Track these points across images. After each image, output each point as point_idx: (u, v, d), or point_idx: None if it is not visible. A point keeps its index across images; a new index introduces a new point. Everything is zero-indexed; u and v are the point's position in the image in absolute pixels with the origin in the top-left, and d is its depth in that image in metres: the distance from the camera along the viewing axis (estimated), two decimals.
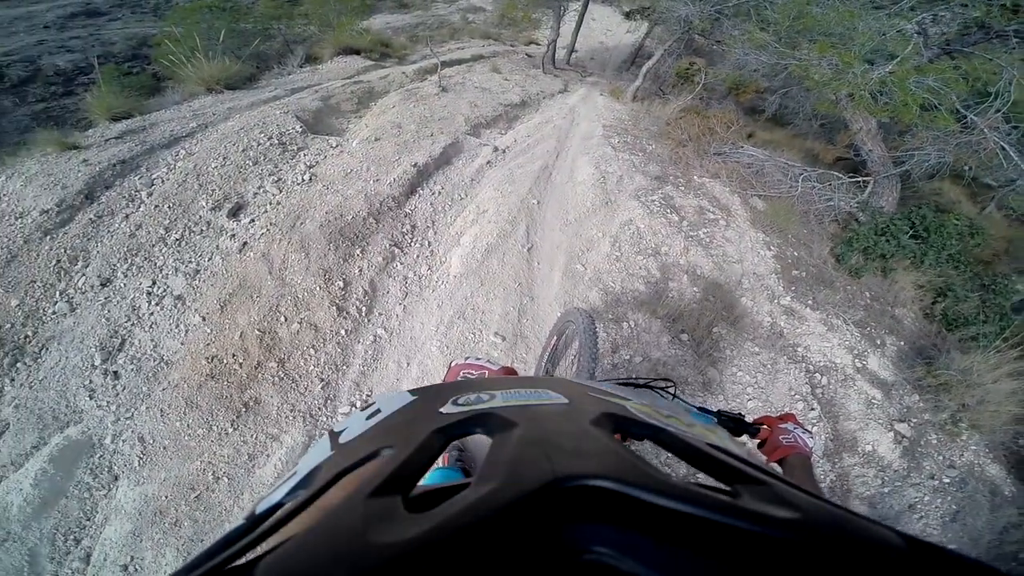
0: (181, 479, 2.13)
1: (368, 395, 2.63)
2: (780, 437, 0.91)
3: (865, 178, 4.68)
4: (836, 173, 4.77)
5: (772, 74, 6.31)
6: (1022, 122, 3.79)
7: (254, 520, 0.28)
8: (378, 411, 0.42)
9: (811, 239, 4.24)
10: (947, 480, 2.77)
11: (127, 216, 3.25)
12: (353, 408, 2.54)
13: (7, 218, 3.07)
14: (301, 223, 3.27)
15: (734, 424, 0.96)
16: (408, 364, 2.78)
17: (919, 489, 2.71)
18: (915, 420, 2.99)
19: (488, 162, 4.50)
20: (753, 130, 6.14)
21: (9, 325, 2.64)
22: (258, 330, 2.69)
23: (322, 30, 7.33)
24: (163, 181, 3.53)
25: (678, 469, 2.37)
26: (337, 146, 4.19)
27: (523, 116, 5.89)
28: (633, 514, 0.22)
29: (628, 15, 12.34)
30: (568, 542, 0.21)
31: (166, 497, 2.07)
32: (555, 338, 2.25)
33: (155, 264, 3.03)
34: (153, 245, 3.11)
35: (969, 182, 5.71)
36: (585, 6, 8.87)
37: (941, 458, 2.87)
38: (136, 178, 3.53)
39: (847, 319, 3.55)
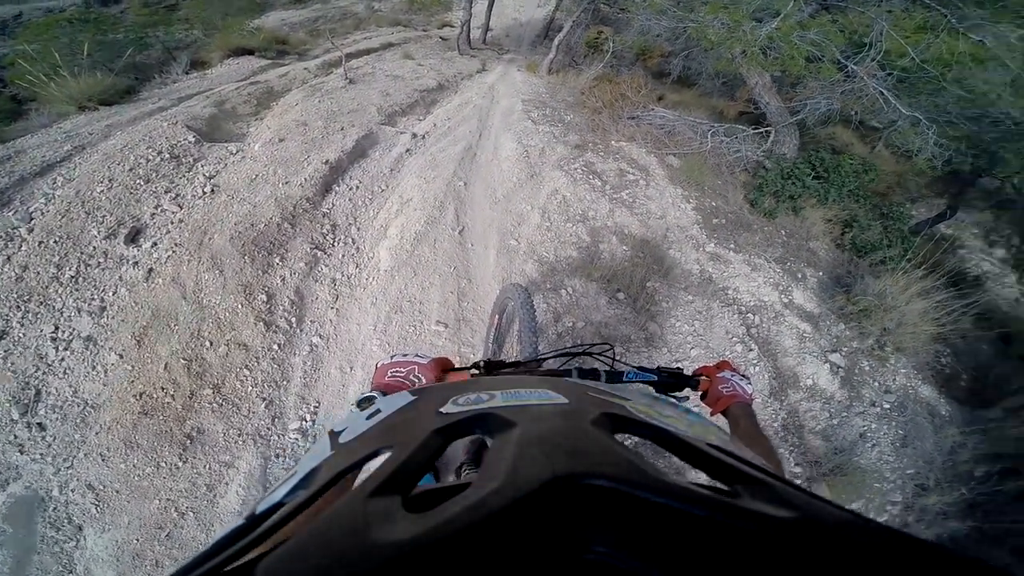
0: (146, 520, 2.06)
1: (316, 407, 2.52)
2: (720, 387, 0.92)
3: (767, 129, 4.99)
4: (741, 127, 5.06)
5: (674, 37, 6.53)
6: (895, 69, 4.16)
7: (254, 520, 0.28)
8: (378, 411, 0.42)
9: (726, 189, 4.49)
10: (887, 406, 2.97)
11: (8, 258, 2.88)
12: (303, 421, 2.44)
13: None
14: (209, 239, 3.04)
15: (674, 379, 0.97)
16: (351, 368, 2.68)
17: (865, 418, 2.89)
18: (846, 349, 3.20)
19: (408, 150, 4.37)
20: (662, 93, 6.36)
21: None
22: (183, 359, 2.51)
23: (207, 33, 6.79)
24: (43, 213, 3.14)
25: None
26: (238, 152, 3.89)
27: (441, 100, 5.77)
28: (634, 514, 0.22)
29: None
30: (568, 542, 0.20)
31: (137, 540, 2.01)
32: (497, 316, 2.25)
33: (53, 307, 2.73)
34: (46, 286, 2.79)
35: (857, 126, 6.25)
36: None
37: (877, 384, 3.08)
38: (11, 214, 3.13)
39: (768, 257, 3.80)
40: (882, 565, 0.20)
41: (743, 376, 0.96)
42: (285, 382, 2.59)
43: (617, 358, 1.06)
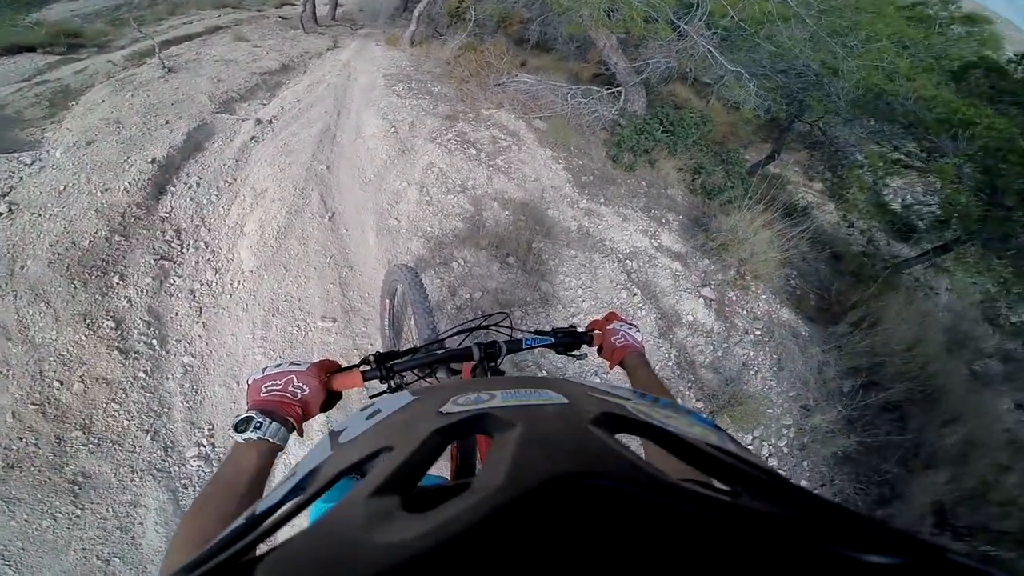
0: (70, 571, 1.83)
1: (211, 429, 2.27)
2: (612, 339, 0.94)
3: (617, 88, 5.36)
4: (595, 88, 5.38)
5: (531, 3, 6.70)
6: (719, 28, 4.67)
7: (253, 520, 0.28)
8: (378, 411, 0.42)
9: (589, 148, 4.78)
10: (758, 332, 3.25)
11: None
12: (200, 447, 2.22)
13: None
14: (22, 267, 2.50)
15: (571, 338, 0.98)
16: (238, 383, 2.44)
17: (742, 346, 3.07)
18: (714, 282, 3.50)
19: (253, 137, 3.98)
20: (524, 59, 6.52)
21: None
22: (32, 404, 2.13)
23: None
24: None
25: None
26: (34, 162, 3.20)
27: (288, 81, 5.32)
28: (634, 514, 0.22)
29: None
30: (568, 542, 0.20)
31: None
32: (387, 301, 2.16)
33: None
34: None
35: (692, 82, 7.02)
36: None
37: (745, 312, 3.38)
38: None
39: (635, 207, 4.12)
40: (884, 566, 0.20)
41: (631, 325, 0.98)
42: (166, 409, 2.30)
43: (515, 326, 1.07)
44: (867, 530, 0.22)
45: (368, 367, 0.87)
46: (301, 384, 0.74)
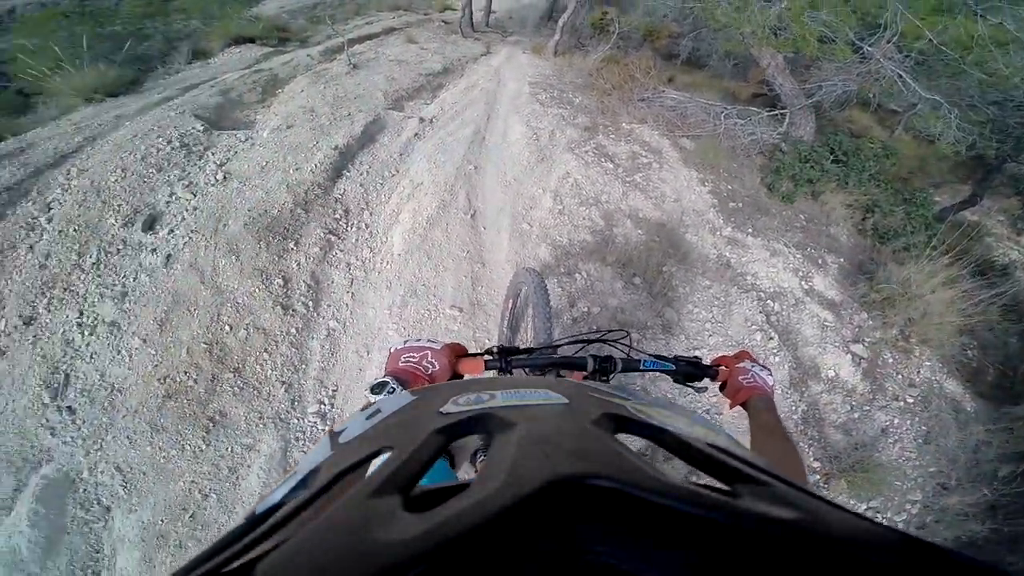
0: (171, 501, 2.10)
1: (334, 390, 2.54)
2: (740, 378, 0.89)
3: (782, 111, 4.88)
4: (755, 109, 4.96)
5: (681, 18, 6.41)
6: (912, 51, 4.04)
7: (254, 520, 0.28)
8: (378, 411, 0.42)
9: (741, 172, 4.42)
10: (911, 400, 2.85)
11: (31, 247, 2.91)
12: (321, 405, 2.47)
13: None
14: (224, 225, 3.04)
15: (693, 368, 0.95)
16: (368, 352, 2.69)
17: (887, 412, 2.77)
18: (868, 340, 3.07)
19: (416, 134, 4.33)
20: (672, 74, 6.26)
21: None
22: (204, 343, 2.53)
23: (206, 23, 6.74)
24: (61, 203, 3.16)
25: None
26: (247, 139, 3.88)
27: (448, 83, 5.70)
28: (634, 514, 0.22)
29: None
30: (569, 542, 0.20)
31: (162, 521, 2.05)
32: (511, 301, 2.23)
33: (77, 293, 2.76)
34: (69, 273, 2.82)
35: (876, 108, 6.13)
36: None
37: (900, 377, 2.95)
38: (29, 204, 3.15)
39: (787, 242, 3.70)
40: (883, 565, 0.20)
41: (763, 367, 0.92)
42: (304, 366, 2.61)
43: (633, 345, 1.04)
44: (868, 531, 0.22)
45: (491, 357, 0.92)
46: (433, 360, 0.80)
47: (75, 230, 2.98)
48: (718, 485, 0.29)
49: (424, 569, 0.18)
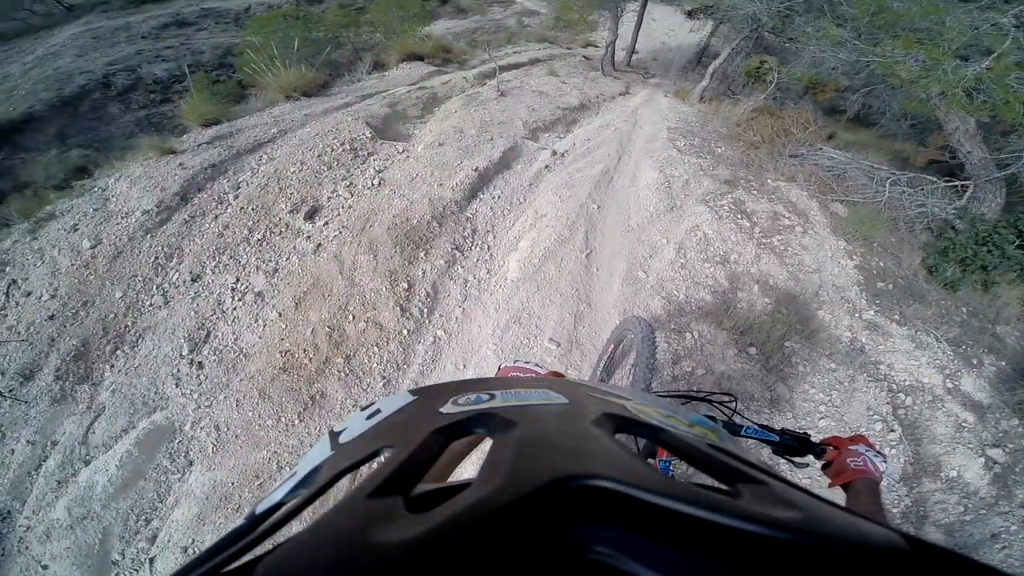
0: (248, 467, 2.26)
1: None
2: (848, 460, 0.85)
3: (963, 182, 4.24)
4: (929, 177, 4.35)
5: (852, 72, 5.83)
6: None
7: (254, 520, 0.28)
8: (378, 411, 0.42)
9: (900, 248, 3.88)
10: None
11: (216, 217, 3.54)
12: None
13: (115, 217, 3.44)
14: (370, 226, 3.42)
15: (798, 444, 0.92)
16: (464, 366, 2.82)
17: (1006, 518, 2.47)
18: (1011, 446, 2.73)
19: (547, 166, 4.48)
20: (834, 131, 5.72)
21: (112, 315, 2.96)
22: (328, 327, 2.83)
23: (387, 37, 7.60)
24: (248, 184, 3.81)
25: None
26: (403, 151, 4.34)
27: (582, 119, 5.83)
28: (634, 514, 0.22)
29: (690, 14, 11.93)
30: (569, 542, 0.21)
31: (232, 484, 2.21)
32: (612, 346, 2.20)
33: (239, 262, 3.28)
34: (238, 245, 3.37)
35: None
36: (644, 6, 8.62)
37: None
38: (224, 181, 3.83)
39: (939, 336, 3.23)
40: (884, 565, 0.19)
41: (878, 453, 0.87)
42: (405, 365, 2.81)
43: (737, 411, 1.01)
44: (869, 531, 0.22)
45: None
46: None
47: (252, 209, 3.56)
48: (718, 485, 0.28)
49: (424, 569, 0.18)
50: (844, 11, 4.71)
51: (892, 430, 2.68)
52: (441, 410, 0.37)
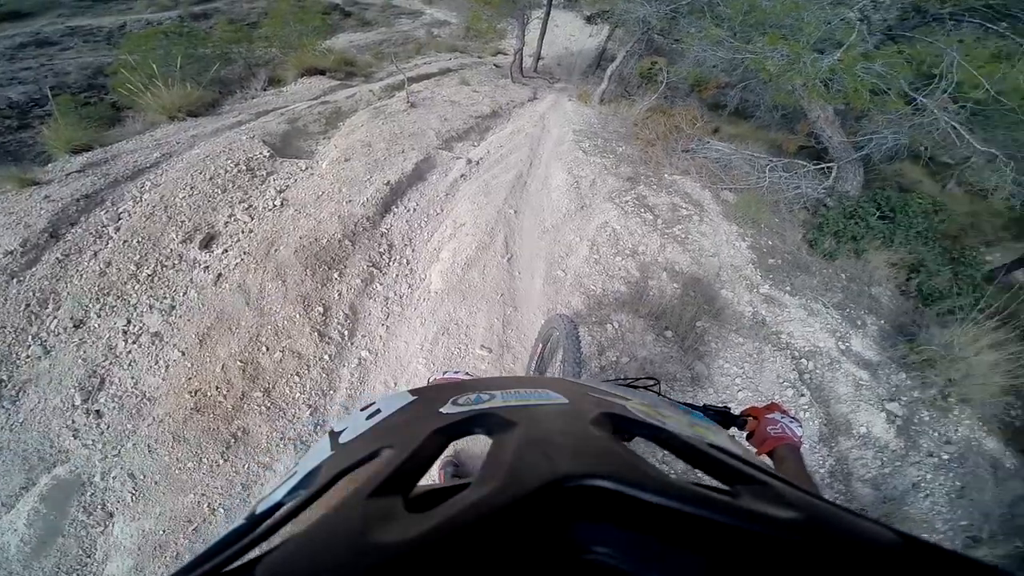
0: (177, 513, 2.12)
1: None
2: (768, 428, 0.91)
3: (829, 164, 4.82)
4: (801, 162, 4.91)
5: (731, 68, 6.45)
6: (968, 101, 3.95)
7: (254, 520, 0.28)
8: (378, 411, 0.41)
9: (783, 227, 4.35)
10: (946, 456, 2.82)
11: (95, 253, 3.14)
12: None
13: None
14: (275, 250, 3.22)
15: (721, 417, 0.96)
16: (395, 384, 2.74)
17: (920, 468, 2.76)
18: (905, 398, 3.07)
19: (462, 175, 4.49)
20: (718, 125, 6.29)
21: None
22: (240, 361, 2.64)
23: (284, 52, 7.24)
24: (130, 215, 3.43)
25: (675, 466, 2.39)
26: (307, 169, 4.13)
27: (495, 127, 5.92)
28: (633, 514, 0.22)
29: (589, 19, 12.60)
30: (569, 542, 0.21)
31: (164, 531, 2.07)
32: (540, 345, 2.25)
33: (128, 302, 2.94)
34: (125, 283, 3.02)
35: (927, 162, 5.94)
36: (548, 13, 8.97)
37: (937, 435, 2.92)
38: (102, 213, 3.42)
39: (826, 302, 3.64)
40: (882, 564, 0.20)
41: (793, 419, 0.93)
42: (331, 391, 2.67)
43: (663, 394, 1.05)
44: (868, 530, 0.22)
45: None
46: None
47: (138, 241, 3.21)
48: (718, 485, 0.28)
49: (424, 569, 0.18)
50: (721, 11, 5.18)
51: (802, 395, 2.95)
52: (441, 410, 0.37)
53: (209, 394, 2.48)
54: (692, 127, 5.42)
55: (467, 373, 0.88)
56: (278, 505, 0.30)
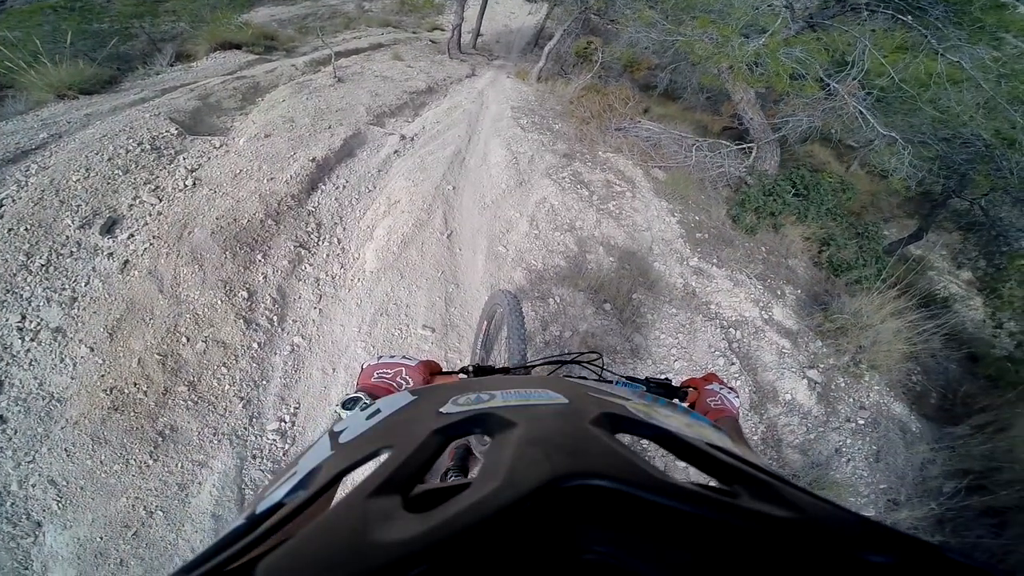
0: (112, 518, 2.00)
1: (296, 408, 2.47)
2: (707, 400, 0.92)
3: (749, 145, 5.12)
4: (724, 142, 5.19)
5: (662, 50, 6.68)
6: (874, 88, 4.31)
7: (254, 520, 0.28)
8: (378, 411, 0.42)
9: (709, 204, 4.59)
10: (862, 422, 3.02)
11: None
12: (282, 423, 2.40)
13: None
14: (189, 233, 2.96)
15: (663, 390, 0.96)
16: (334, 370, 2.64)
17: (840, 433, 2.93)
18: (822, 365, 3.25)
19: (396, 151, 4.34)
20: (648, 105, 6.50)
21: None
22: (158, 354, 2.43)
23: (194, 26, 6.65)
24: (14, 201, 3.01)
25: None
26: (222, 146, 3.81)
27: (431, 103, 5.76)
28: (633, 514, 0.22)
29: None
30: (569, 541, 0.20)
31: (101, 538, 1.95)
32: (486, 323, 2.24)
33: (20, 296, 2.61)
34: (14, 275, 2.67)
35: (835, 144, 6.49)
36: None
37: (852, 400, 3.13)
38: None
39: (749, 273, 3.87)
40: (882, 565, 0.20)
41: (730, 389, 0.95)
42: (264, 382, 2.53)
43: (605, 367, 1.07)
44: (866, 530, 0.22)
45: (466, 376, 0.92)
46: (407, 377, 0.80)
47: (26, 229, 2.84)
48: (717, 485, 0.29)
49: (424, 569, 0.18)
50: None
51: (732, 363, 3.07)
52: (441, 410, 0.36)
53: (127, 391, 2.30)
54: (624, 106, 5.56)
55: (405, 356, 0.85)
56: (278, 505, 0.29)
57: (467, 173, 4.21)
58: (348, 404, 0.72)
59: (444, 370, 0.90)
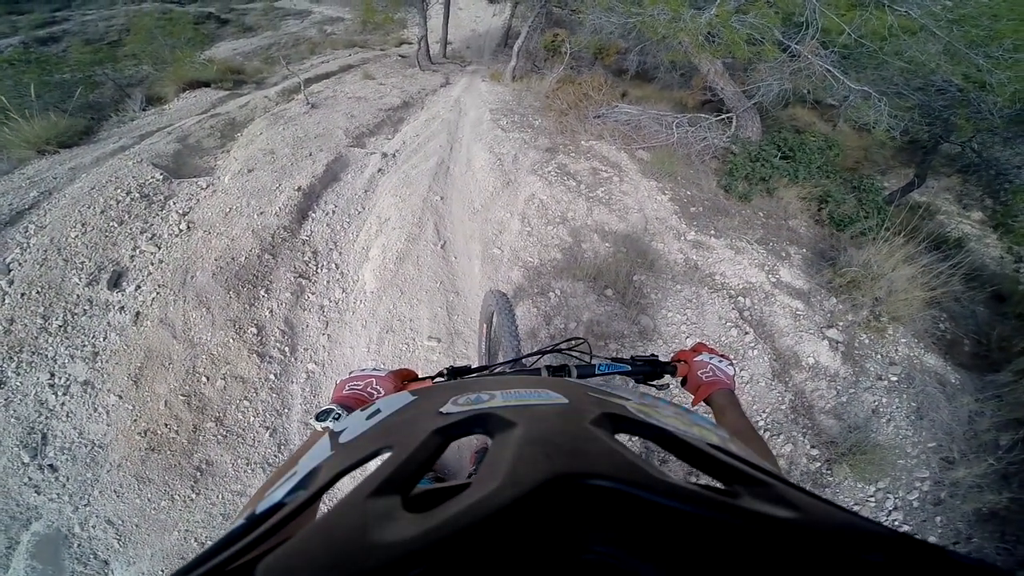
0: (168, 551, 2.08)
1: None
2: (699, 372, 0.89)
3: (728, 115, 5.13)
4: (704, 115, 5.20)
5: (626, 33, 6.66)
6: (836, 46, 4.33)
7: (254, 520, 0.28)
8: (378, 411, 0.41)
9: (698, 177, 4.61)
10: (895, 378, 2.86)
11: None
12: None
13: None
14: (192, 277, 2.99)
15: (651, 367, 0.95)
16: None
17: (873, 392, 2.78)
18: (841, 323, 3.12)
19: (380, 170, 4.35)
20: (625, 89, 6.52)
21: None
22: (182, 395, 2.50)
23: (158, 68, 6.67)
24: (20, 264, 3.06)
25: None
26: (208, 186, 3.83)
27: (408, 117, 5.78)
28: (633, 514, 0.22)
29: None
30: (569, 541, 0.20)
31: (162, 571, 2.04)
32: (485, 325, 2.27)
33: (46, 356, 2.68)
34: (36, 337, 2.74)
35: (814, 104, 6.50)
36: None
37: (880, 357, 2.98)
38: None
39: (750, 240, 3.84)
40: (882, 565, 0.20)
41: (722, 357, 0.92)
42: (286, 410, 2.58)
43: (592, 352, 1.05)
44: (866, 529, 0.22)
45: (441, 379, 0.92)
46: (378, 387, 0.82)
47: (38, 292, 2.88)
48: (717, 485, 0.29)
49: (423, 569, 0.18)
50: None
51: (746, 333, 2.97)
52: (441, 410, 0.36)
53: (160, 432, 2.38)
54: (600, 93, 5.58)
55: (375, 369, 0.87)
56: (278, 505, 0.29)
57: (453, 181, 4.24)
58: (321, 416, 0.75)
59: (420, 376, 0.91)
